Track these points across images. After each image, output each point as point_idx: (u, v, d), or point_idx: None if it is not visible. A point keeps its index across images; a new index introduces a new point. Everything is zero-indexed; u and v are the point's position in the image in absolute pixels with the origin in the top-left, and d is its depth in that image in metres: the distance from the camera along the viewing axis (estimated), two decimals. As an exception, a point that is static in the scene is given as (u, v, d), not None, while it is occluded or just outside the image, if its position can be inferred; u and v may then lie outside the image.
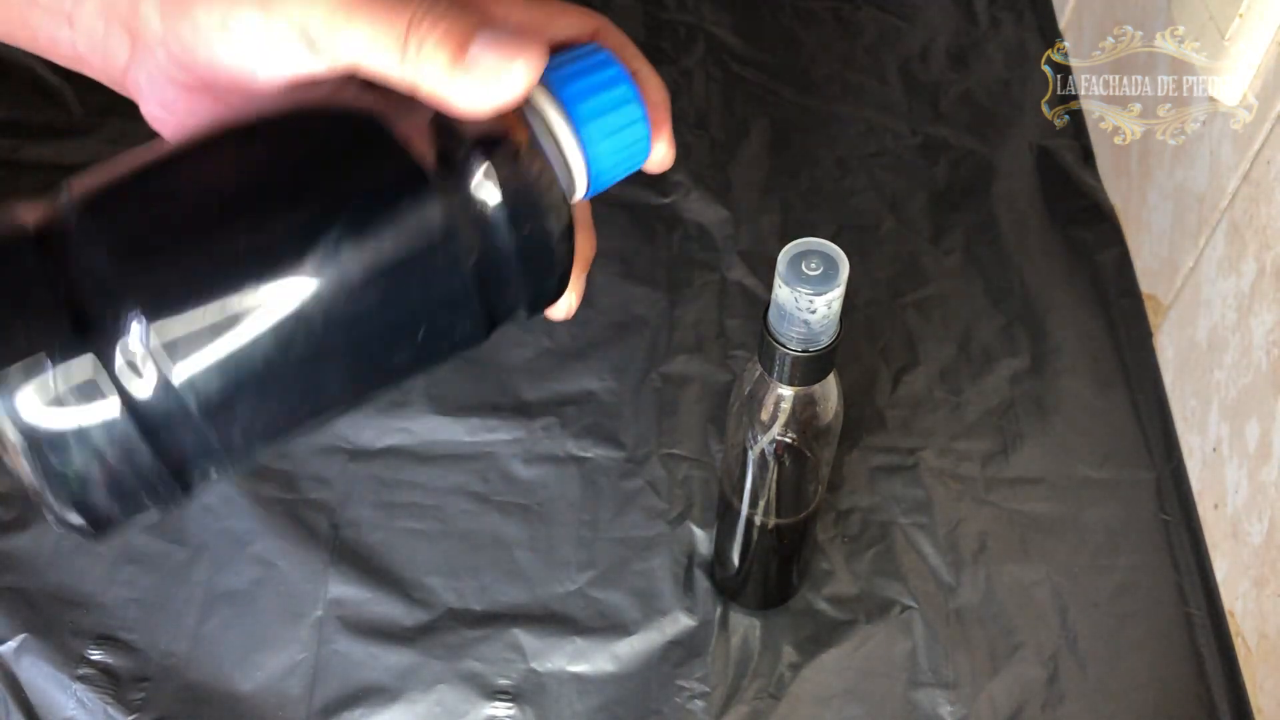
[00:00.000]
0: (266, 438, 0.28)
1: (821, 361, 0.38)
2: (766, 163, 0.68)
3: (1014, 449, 0.57)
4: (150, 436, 0.25)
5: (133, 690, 0.49)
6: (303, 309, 0.26)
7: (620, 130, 0.30)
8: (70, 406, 0.24)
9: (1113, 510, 0.55)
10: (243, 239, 0.26)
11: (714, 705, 0.49)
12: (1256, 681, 0.49)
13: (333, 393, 0.28)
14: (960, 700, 0.49)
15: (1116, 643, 0.51)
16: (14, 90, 0.69)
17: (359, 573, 0.52)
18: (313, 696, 0.49)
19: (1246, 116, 0.51)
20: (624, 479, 0.55)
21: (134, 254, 0.25)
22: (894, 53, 0.74)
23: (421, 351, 0.28)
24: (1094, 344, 0.61)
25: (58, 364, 0.24)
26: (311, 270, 0.26)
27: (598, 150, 0.30)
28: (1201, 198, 0.55)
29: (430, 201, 0.26)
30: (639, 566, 0.53)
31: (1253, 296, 0.50)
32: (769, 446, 0.42)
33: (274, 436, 0.28)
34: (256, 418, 0.27)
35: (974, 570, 0.53)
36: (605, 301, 0.61)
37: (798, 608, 0.52)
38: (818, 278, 0.35)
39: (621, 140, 0.30)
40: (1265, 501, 0.49)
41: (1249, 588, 0.50)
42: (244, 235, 0.26)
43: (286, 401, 0.27)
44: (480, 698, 0.49)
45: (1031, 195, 0.67)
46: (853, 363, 0.59)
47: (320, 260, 0.26)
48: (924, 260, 0.64)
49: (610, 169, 0.31)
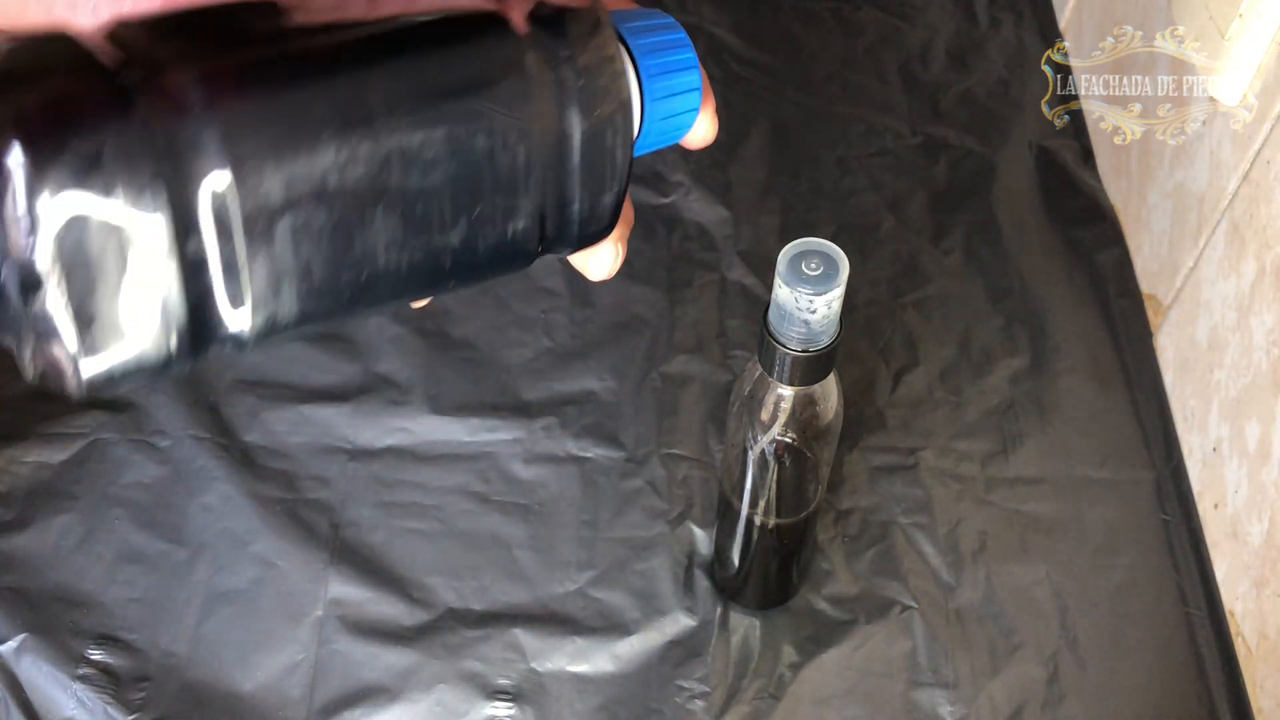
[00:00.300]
0: (298, 298, 0.26)
1: (821, 361, 0.38)
2: (766, 163, 0.68)
3: (1014, 449, 0.57)
4: (182, 253, 0.23)
5: (133, 690, 0.49)
6: (374, 141, 0.25)
7: (678, 95, 0.31)
8: (117, 200, 0.22)
9: (1113, 510, 0.55)
10: (324, 66, 0.25)
11: (714, 705, 0.49)
12: (1256, 681, 0.49)
13: (375, 263, 0.26)
14: (960, 700, 0.49)
15: (1116, 643, 0.51)
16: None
17: (359, 573, 0.52)
18: (313, 696, 0.49)
19: (1246, 116, 0.51)
20: (624, 479, 0.55)
21: (217, 72, 0.24)
22: (894, 53, 0.74)
23: (471, 238, 0.27)
24: (1094, 344, 0.61)
25: (116, 148, 0.22)
26: (387, 101, 0.25)
27: (655, 108, 0.30)
28: (1201, 198, 0.55)
29: (514, 53, 0.26)
30: (639, 566, 0.53)
31: (1253, 296, 0.50)
32: (769, 446, 0.42)
33: (304, 301, 0.26)
34: (296, 262, 0.25)
35: (974, 570, 0.53)
36: (605, 301, 0.61)
37: (798, 608, 0.52)
38: (818, 278, 0.35)
39: (677, 105, 0.31)
40: (1265, 501, 0.49)
41: (1249, 588, 0.50)
42: (326, 64, 0.25)
43: (330, 255, 0.26)
44: (480, 698, 0.49)
45: (1031, 195, 0.67)
46: (853, 363, 0.59)
47: (396, 92, 0.25)
48: (924, 260, 0.64)
49: (659, 130, 0.31)
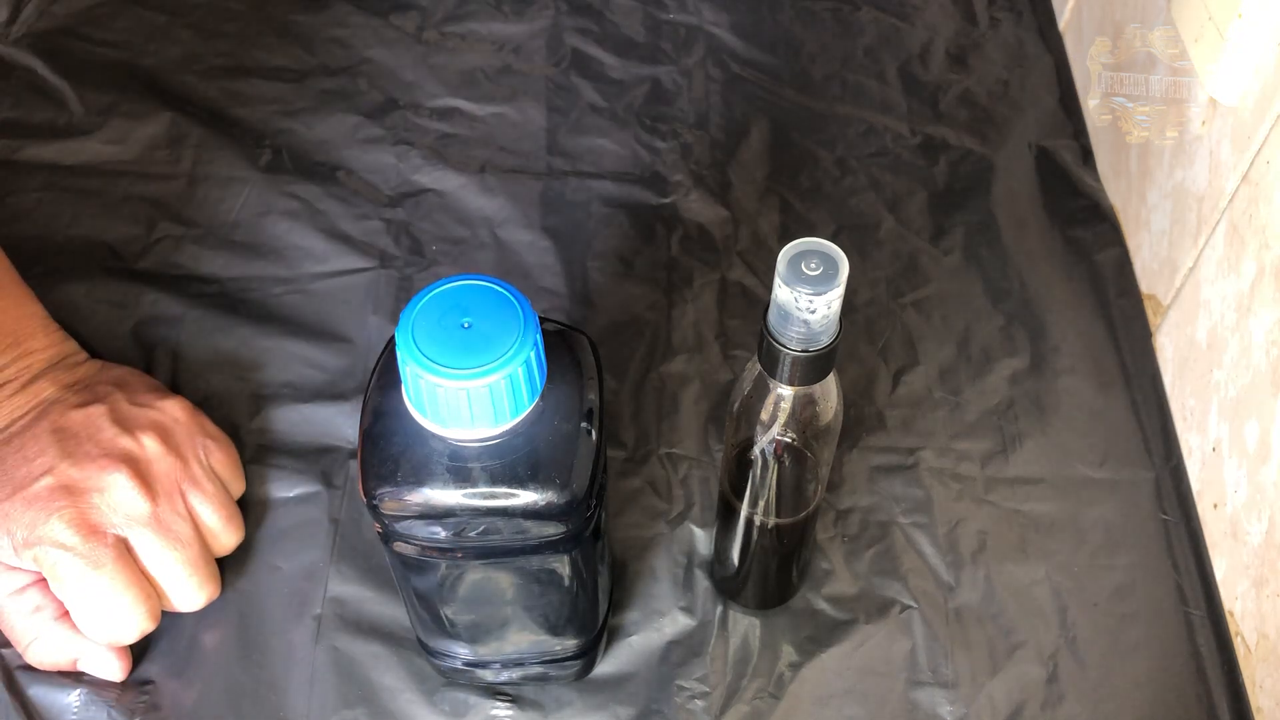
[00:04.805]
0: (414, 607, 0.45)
1: (821, 361, 0.38)
2: (766, 163, 0.68)
3: (1013, 449, 0.57)
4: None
5: (133, 692, 0.49)
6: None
7: None
8: None
9: (1112, 510, 0.55)
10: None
11: (714, 705, 0.49)
12: (1256, 681, 0.49)
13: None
14: (960, 700, 0.49)
15: (1116, 643, 0.51)
16: (14, 90, 0.69)
17: (359, 572, 0.52)
18: (312, 696, 0.49)
19: (1246, 117, 0.51)
20: (624, 479, 0.55)
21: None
22: (894, 53, 0.74)
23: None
24: (1093, 344, 0.61)
25: None
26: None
27: None
28: (1201, 198, 0.55)
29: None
30: (638, 566, 0.53)
31: (1252, 296, 0.50)
32: (769, 446, 0.42)
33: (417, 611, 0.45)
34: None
35: (974, 570, 0.53)
36: (605, 301, 0.61)
37: (797, 607, 0.52)
38: (818, 278, 0.35)
39: None
40: (1265, 501, 0.49)
41: (1248, 588, 0.50)
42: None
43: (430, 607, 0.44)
44: (480, 698, 0.49)
45: (1031, 195, 0.67)
46: (853, 363, 0.59)
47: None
48: (923, 260, 0.64)
49: None
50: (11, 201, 0.64)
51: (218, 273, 0.62)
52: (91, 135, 0.67)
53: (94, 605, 0.46)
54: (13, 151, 0.66)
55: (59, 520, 0.45)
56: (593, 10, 0.75)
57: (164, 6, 0.74)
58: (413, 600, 0.44)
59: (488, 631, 0.45)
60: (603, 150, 0.68)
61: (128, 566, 0.46)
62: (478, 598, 0.43)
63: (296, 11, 0.74)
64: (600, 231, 0.64)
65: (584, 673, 0.49)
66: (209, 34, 0.72)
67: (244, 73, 0.71)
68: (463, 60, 0.72)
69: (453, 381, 0.34)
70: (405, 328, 0.35)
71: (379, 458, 0.37)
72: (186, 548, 0.48)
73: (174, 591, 0.48)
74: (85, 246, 0.62)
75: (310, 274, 0.62)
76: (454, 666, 0.47)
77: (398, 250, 0.63)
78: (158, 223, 0.63)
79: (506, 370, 0.35)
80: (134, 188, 0.65)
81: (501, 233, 0.64)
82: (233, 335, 0.59)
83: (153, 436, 0.49)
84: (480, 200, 0.65)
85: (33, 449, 0.47)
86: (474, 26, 0.74)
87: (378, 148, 0.67)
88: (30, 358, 0.51)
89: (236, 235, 0.63)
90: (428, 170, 0.66)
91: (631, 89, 0.71)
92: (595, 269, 0.63)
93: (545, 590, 0.43)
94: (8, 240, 0.55)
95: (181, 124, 0.67)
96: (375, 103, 0.70)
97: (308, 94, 0.70)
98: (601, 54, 0.73)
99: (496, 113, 0.69)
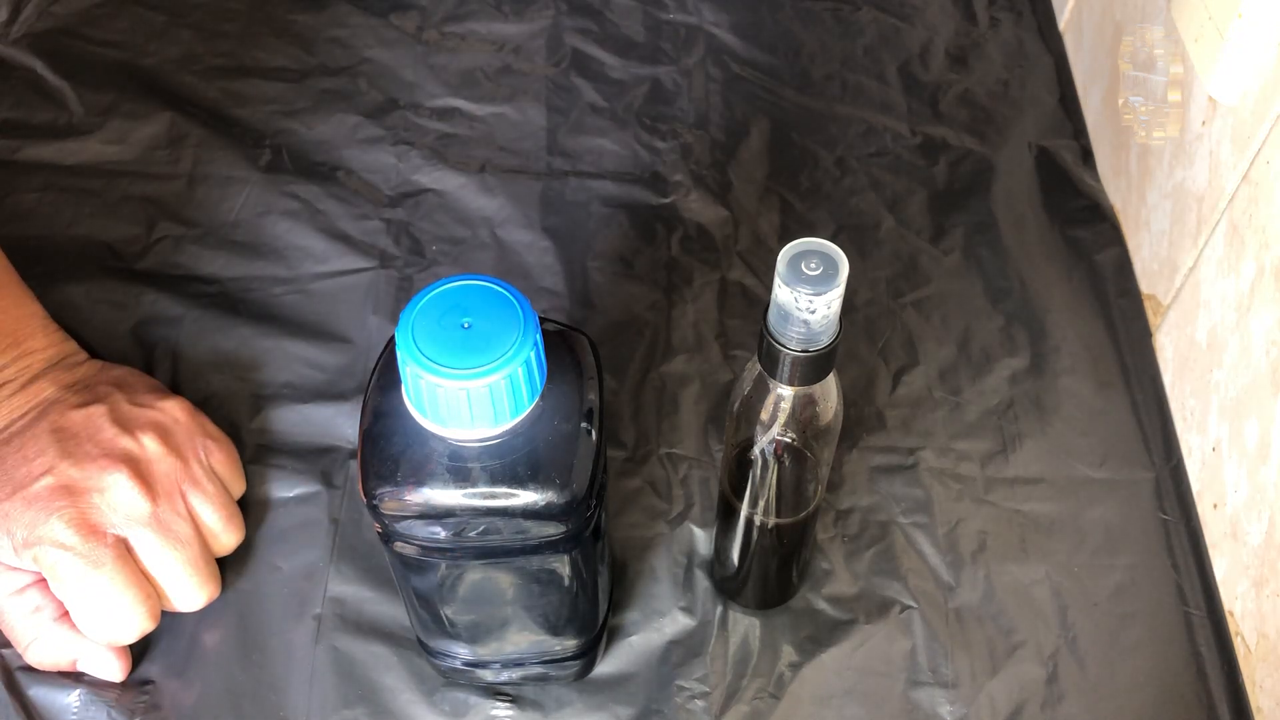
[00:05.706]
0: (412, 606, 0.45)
1: (821, 361, 0.38)
2: (766, 163, 0.68)
3: (1013, 449, 0.57)
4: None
5: (134, 692, 0.49)
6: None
7: None
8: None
9: (1112, 510, 0.55)
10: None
11: (714, 705, 0.49)
12: (1256, 681, 0.49)
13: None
14: (960, 700, 0.49)
15: (1116, 642, 0.51)
16: (14, 90, 0.69)
17: (359, 572, 0.52)
18: (312, 696, 0.49)
19: (1246, 116, 0.51)
20: (624, 479, 0.55)
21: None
22: (894, 53, 0.74)
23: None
24: (1093, 344, 0.61)
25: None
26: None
27: None
28: (1201, 198, 0.55)
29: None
30: (638, 566, 0.53)
31: (1252, 297, 0.50)
32: (769, 446, 0.42)
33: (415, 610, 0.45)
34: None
35: (973, 570, 0.53)
36: (605, 301, 0.61)
37: (797, 607, 0.52)
38: (818, 278, 0.35)
39: None
40: (1264, 501, 0.49)
41: (1248, 588, 0.50)
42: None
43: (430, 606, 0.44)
44: (480, 698, 0.49)
45: (1031, 195, 0.67)
46: (853, 363, 0.59)
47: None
48: (923, 260, 0.64)
49: None
50: (11, 201, 0.64)
51: (218, 273, 0.62)
52: (91, 135, 0.67)
53: (94, 605, 0.46)
54: (13, 151, 0.66)
55: (59, 520, 0.45)
56: (593, 10, 0.75)
57: (164, 6, 0.74)
58: (413, 600, 0.44)
59: (488, 631, 0.45)
60: (603, 150, 0.68)
61: (128, 566, 0.46)
62: (478, 598, 0.43)
63: (296, 11, 0.74)
64: (600, 231, 0.64)
65: (584, 673, 0.49)
66: (209, 34, 0.72)
67: (244, 73, 0.71)
68: (463, 60, 0.72)
69: (453, 381, 0.34)
70: (405, 328, 0.35)
71: (379, 458, 0.38)
72: (186, 548, 0.48)
73: (174, 591, 0.48)
74: (85, 246, 0.62)
75: (310, 274, 0.62)
76: (454, 666, 0.47)
77: (398, 250, 0.63)
78: (158, 223, 0.63)
79: (506, 370, 0.35)
80: (134, 188, 0.65)
81: (501, 233, 0.64)
82: (233, 335, 0.59)
83: (153, 436, 0.49)
84: (480, 200, 0.65)
85: (33, 449, 0.47)
86: (474, 26, 0.74)
87: (378, 148, 0.67)
88: (30, 358, 0.51)
89: (236, 235, 0.63)
90: (428, 170, 0.66)
91: (631, 89, 0.71)
92: (595, 269, 0.63)
93: (545, 590, 0.43)
94: (8, 240, 0.55)
95: (181, 124, 0.67)
96: (375, 103, 0.70)
97: (308, 94, 0.70)
98: (601, 54, 0.73)
99: (496, 113, 0.69)
